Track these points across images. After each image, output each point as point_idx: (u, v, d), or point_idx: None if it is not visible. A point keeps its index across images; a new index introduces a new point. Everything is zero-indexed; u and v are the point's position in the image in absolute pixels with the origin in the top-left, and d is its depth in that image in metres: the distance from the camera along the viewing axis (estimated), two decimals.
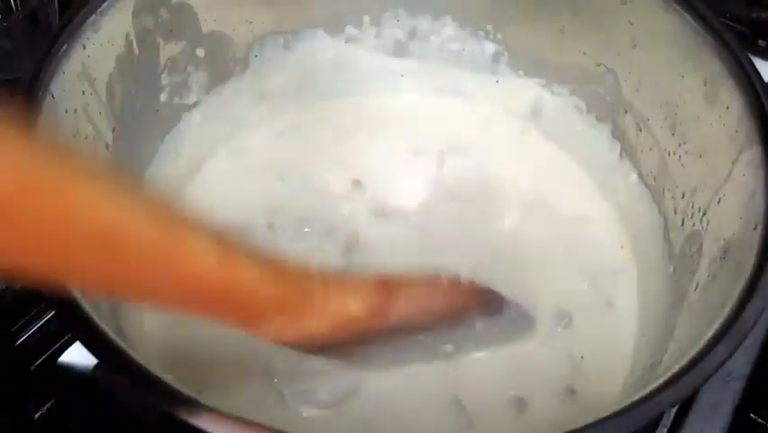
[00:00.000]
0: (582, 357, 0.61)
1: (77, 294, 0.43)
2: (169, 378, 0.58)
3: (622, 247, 0.69)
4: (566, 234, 0.69)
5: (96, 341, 0.41)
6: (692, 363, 0.41)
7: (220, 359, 0.60)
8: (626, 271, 0.67)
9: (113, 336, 0.42)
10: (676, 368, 0.42)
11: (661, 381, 0.41)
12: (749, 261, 0.47)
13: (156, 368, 0.59)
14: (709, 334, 0.43)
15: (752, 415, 0.63)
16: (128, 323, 0.59)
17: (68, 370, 0.62)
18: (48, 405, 0.61)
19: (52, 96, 0.52)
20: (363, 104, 0.78)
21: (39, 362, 0.63)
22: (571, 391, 0.59)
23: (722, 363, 0.41)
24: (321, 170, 0.73)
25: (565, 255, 0.68)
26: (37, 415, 0.61)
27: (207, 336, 0.61)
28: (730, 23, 0.85)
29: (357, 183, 0.72)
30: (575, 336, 0.63)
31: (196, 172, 0.72)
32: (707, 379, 0.41)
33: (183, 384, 0.57)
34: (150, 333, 0.62)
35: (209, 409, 0.40)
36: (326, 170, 0.73)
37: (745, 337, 0.42)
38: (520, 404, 0.59)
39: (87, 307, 0.43)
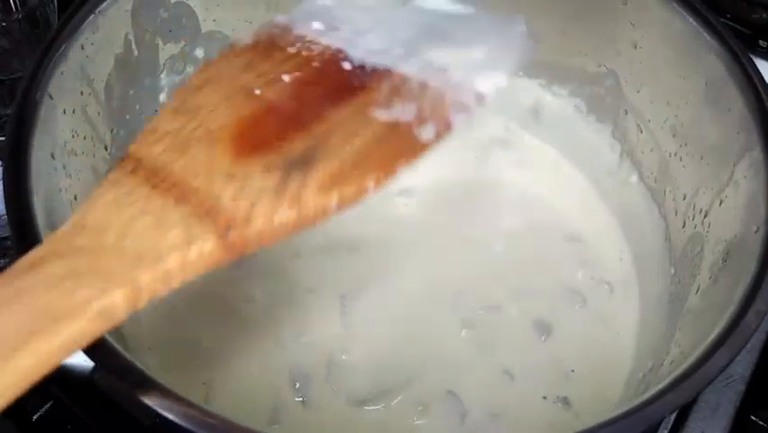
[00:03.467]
0: (573, 370, 0.61)
1: None
2: (167, 381, 0.59)
3: (622, 249, 0.68)
4: (566, 236, 0.69)
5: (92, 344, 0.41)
6: (694, 368, 0.41)
7: (228, 361, 0.60)
8: (625, 272, 0.67)
9: (109, 338, 0.42)
10: (677, 372, 0.41)
11: (662, 385, 0.41)
12: (751, 263, 0.47)
13: (156, 370, 0.59)
14: (711, 337, 0.43)
15: (752, 417, 0.63)
16: (126, 324, 0.58)
17: (67, 371, 0.62)
18: (47, 406, 0.61)
19: (50, 97, 0.51)
20: None
21: None
22: (565, 401, 0.59)
23: (724, 368, 0.41)
24: None
25: (564, 258, 0.68)
26: (36, 416, 0.61)
27: (210, 339, 0.61)
28: (731, 24, 0.84)
29: None
30: (572, 342, 0.62)
31: None
32: (709, 383, 0.41)
33: (188, 388, 0.58)
34: (149, 334, 0.62)
35: (206, 415, 0.39)
36: None
37: (747, 341, 0.42)
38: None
39: None
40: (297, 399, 0.58)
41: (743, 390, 0.63)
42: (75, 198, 0.53)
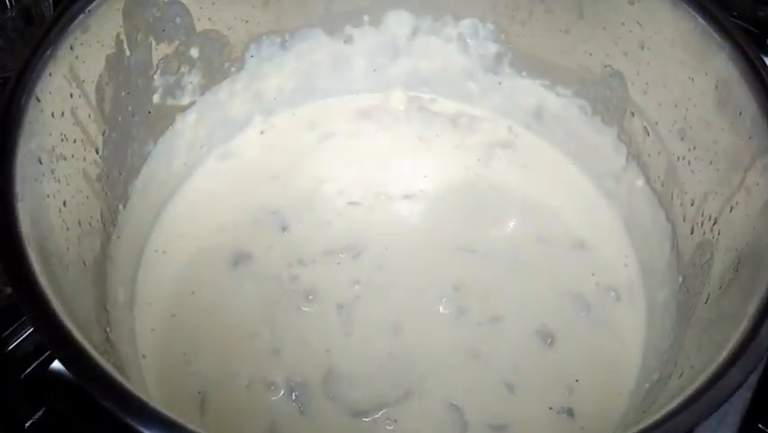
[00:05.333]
0: (577, 381, 0.59)
1: (59, 310, 0.41)
2: (162, 391, 0.58)
3: (627, 255, 0.67)
4: (570, 241, 0.68)
5: (75, 360, 0.39)
6: (707, 387, 0.40)
7: (224, 370, 0.59)
8: (631, 279, 0.65)
9: (94, 354, 0.40)
10: (689, 391, 0.40)
11: (674, 404, 0.39)
12: (764, 274, 0.45)
13: (150, 379, 0.58)
14: (724, 355, 0.41)
15: (760, 426, 0.62)
16: (119, 331, 0.57)
17: (60, 377, 0.60)
18: (39, 413, 0.60)
19: (37, 100, 0.50)
20: (362, 105, 0.76)
21: (30, 369, 0.61)
22: (570, 413, 0.58)
23: (739, 386, 0.39)
24: (318, 173, 0.71)
25: (568, 263, 0.66)
26: (28, 424, 0.59)
27: (207, 347, 0.60)
28: (737, 23, 0.83)
29: (353, 185, 0.70)
30: (577, 350, 0.61)
31: (190, 175, 0.71)
32: (723, 403, 0.39)
33: (183, 397, 0.57)
34: (143, 342, 0.60)
35: None
36: (324, 173, 0.71)
37: (762, 358, 0.41)
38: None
39: (70, 324, 0.41)
40: (294, 409, 0.57)
41: (749, 397, 0.61)
42: (64, 205, 0.52)
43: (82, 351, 0.40)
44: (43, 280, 0.42)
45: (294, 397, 0.58)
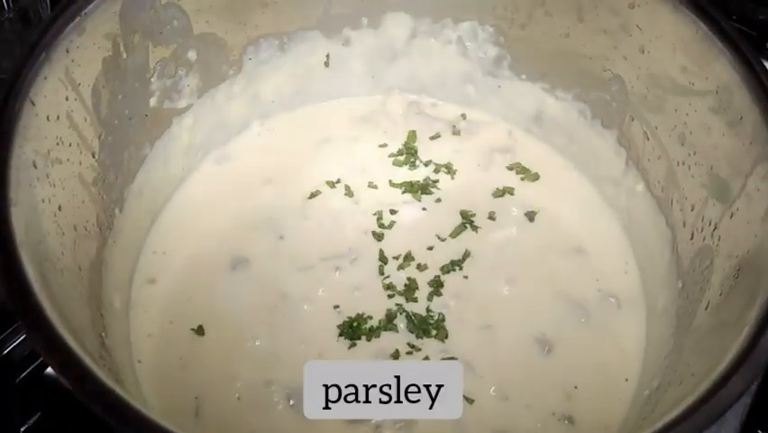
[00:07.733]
0: (576, 388, 0.59)
1: (53, 317, 0.41)
2: (157, 397, 0.57)
3: (627, 261, 0.67)
4: (569, 246, 0.67)
5: (68, 369, 0.39)
6: (709, 395, 0.39)
7: (221, 376, 0.58)
8: (631, 285, 0.65)
9: (88, 362, 0.40)
10: (691, 400, 0.39)
11: (675, 414, 0.39)
12: (765, 282, 0.45)
13: (145, 385, 0.58)
14: (725, 363, 0.41)
15: (759, 431, 0.61)
16: (114, 336, 0.57)
17: (55, 382, 0.60)
18: (34, 418, 0.60)
19: (32, 103, 0.50)
20: (360, 108, 0.76)
21: (24, 374, 0.61)
22: (570, 420, 0.58)
23: (740, 396, 0.39)
24: (316, 177, 0.71)
25: (568, 269, 0.66)
26: (23, 429, 0.59)
27: (204, 353, 0.60)
28: (737, 26, 0.82)
29: (350, 188, 0.70)
30: (576, 357, 0.61)
31: (187, 179, 0.70)
32: (725, 412, 0.39)
33: (178, 403, 0.56)
34: (138, 347, 0.60)
35: None
36: (321, 177, 0.71)
37: (764, 368, 0.40)
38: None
39: (63, 331, 0.40)
40: (291, 414, 0.57)
41: (749, 402, 0.61)
42: (59, 209, 0.51)
43: (75, 360, 0.39)
44: (37, 286, 0.42)
45: (291, 403, 0.57)
